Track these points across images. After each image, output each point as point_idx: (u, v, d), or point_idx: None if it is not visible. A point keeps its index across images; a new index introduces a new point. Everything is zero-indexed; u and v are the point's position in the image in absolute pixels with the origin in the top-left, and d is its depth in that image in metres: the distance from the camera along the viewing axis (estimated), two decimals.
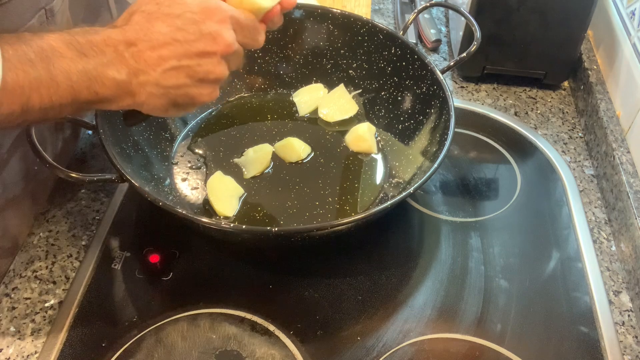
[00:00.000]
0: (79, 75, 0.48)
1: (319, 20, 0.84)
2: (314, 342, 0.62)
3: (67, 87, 0.48)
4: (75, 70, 0.48)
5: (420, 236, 0.74)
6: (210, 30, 0.52)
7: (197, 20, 0.52)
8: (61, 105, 0.49)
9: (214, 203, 0.70)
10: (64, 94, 0.48)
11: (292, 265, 0.70)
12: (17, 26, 0.59)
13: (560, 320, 0.66)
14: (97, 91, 0.50)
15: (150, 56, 0.51)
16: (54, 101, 0.48)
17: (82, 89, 0.49)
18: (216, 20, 0.52)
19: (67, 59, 0.48)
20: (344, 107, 0.83)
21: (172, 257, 0.69)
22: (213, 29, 0.52)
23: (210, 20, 0.52)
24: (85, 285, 0.66)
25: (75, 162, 0.80)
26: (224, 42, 0.53)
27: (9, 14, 0.57)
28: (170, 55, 0.51)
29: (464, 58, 0.77)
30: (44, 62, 0.47)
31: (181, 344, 0.61)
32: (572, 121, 0.91)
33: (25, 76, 0.45)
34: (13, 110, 0.46)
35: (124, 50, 0.50)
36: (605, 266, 0.72)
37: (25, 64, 0.46)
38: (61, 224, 0.73)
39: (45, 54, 0.47)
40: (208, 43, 0.52)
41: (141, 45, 0.51)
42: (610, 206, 0.77)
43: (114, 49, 0.50)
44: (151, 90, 0.52)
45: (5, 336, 0.62)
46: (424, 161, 0.73)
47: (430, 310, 0.66)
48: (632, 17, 0.86)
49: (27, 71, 0.46)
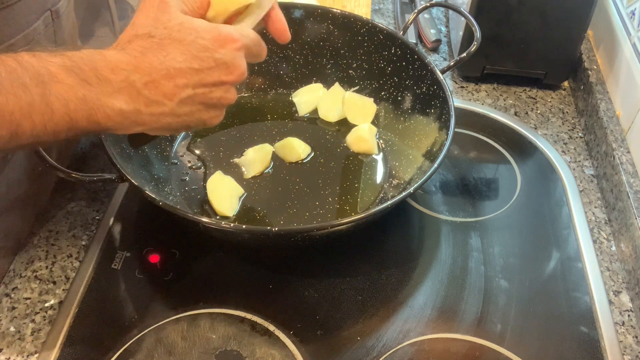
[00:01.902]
0: (78, 103, 0.46)
1: (319, 20, 0.84)
2: (314, 342, 0.62)
3: (63, 115, 0.45)
4: (74, 98, 0.45)
5: (420, 236, 0.74)
6: (224, 60, 0.52)
7: (210, 48, 0.51)
8: (55, 132, 0.46)
9: (214, 203, 0.70)
10: (60, 121, 0.45)
11: (292, 265, 0.70)
12: (22, 27, 0.59)
13: (560, 320, 0.66)
14: (98, 121, 0.47)
15: (166, 86, 0.49)
16: (48, 128, 0.45)
17: (81, 118, 0.46)
18: (229, 48, 0.52)
19: (66, 86, 0.45)
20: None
21: (172, 257, 0.69)
22: (227, 58, 0.52)
23: (223, 48, 0.52)
24: (85, 285, 0.66)
25: (75, 162, 0.80)
26: (238, 72, 0.53)
27: (15, 15, 0.57)
28: (187, 84, 0.50)
29: (464, 58, 0.77)
30: (39, 87, 0.44)
31: (181, 344, 0.61)
32: (572, 121, 0.91)
33: (15, 101, 0.43)
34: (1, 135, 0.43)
35: (136, 80, 0.48)
36: (605, 266, 0.72)
37: (18, 88, 0.43)
38: (61, 224, 0.73)
39: (42, 79, 0.44)
40: (223, 72, 0.52)
41: (156, 75, 0.49)
42: (610, 206, 0.77)
43: (124, 78, 0.48)
44: (165, 119, 0.51)
45: (5, 336, 0.62)
46: (424, 161, 0.73)
47: (430, 310, 0.66)
48: (632, 17, 0.86)
49: (18, 96, 0.43)
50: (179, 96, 0.50)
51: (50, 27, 0.64)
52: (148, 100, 0.49)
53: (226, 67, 0.52)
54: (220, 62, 0.51)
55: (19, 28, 0.59)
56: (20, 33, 0.59)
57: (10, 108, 0.43)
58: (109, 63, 0.47)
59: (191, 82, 0.50)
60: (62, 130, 0.46)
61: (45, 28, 0.63)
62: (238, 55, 0.53)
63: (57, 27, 0.65)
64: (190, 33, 0.50)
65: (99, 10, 0.79)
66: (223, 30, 0.52)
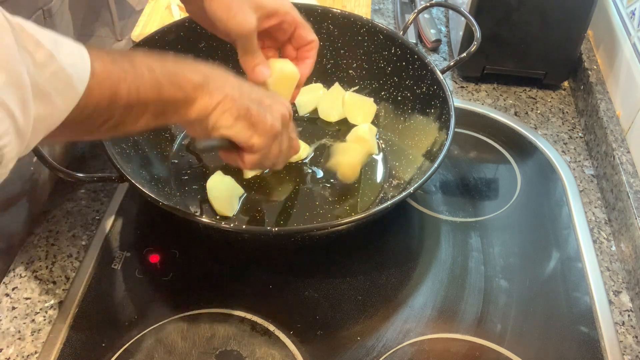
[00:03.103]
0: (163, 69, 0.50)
1: (319, 20, 0.84)
2: (314, 342, 0.62)
3: (152, 80, 0.49)
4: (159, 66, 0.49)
5: (420, 236, 0.74)
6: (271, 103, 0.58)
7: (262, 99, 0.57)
8: (146, 102, 0.49)
9: (214, 203, 0.70)
10: (149, 85, 0.48)
11: (292, 265, 0.70)
12: None
13: (560, 320, 0.66)
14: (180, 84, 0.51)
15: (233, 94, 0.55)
16: (141, 93, 0.48)
17: (167, 83, 0.50)
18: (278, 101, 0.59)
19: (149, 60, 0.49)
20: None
21: (172, 257, 0.69)
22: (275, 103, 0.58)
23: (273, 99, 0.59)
24: (85, 285, 0.66)
25: (75, 162, 0.80)
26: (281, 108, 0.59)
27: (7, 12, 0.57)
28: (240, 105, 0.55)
29: (464, 58, 0.77)
30: (126, 59, 0.47)
31: (181, 344, 0.61)
32: (572, 121, 0.91)
33: (112, 66, 0.46)
34: (102, 99, 0.45)
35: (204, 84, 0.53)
36: (605, 266, 0.72)
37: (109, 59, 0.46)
38: (61, 224, 0.73)
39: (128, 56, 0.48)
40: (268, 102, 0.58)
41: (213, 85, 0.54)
42: (610, 206, 0.77)
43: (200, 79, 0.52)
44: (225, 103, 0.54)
45: (5, 336, 0.62)
46: (424, 161, 0.73)
47: (430, 310, 0.66)
48: (632, 17, 0.86)
49: (114, 60, 0.46)
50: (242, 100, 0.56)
51: (42, 25, 0.64)
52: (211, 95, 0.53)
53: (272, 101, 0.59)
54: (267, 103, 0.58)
55: None
56: None
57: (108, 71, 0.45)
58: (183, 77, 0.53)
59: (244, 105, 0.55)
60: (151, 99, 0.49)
61: None
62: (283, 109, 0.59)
63: (49, 26, 0.65)
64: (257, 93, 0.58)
65: (99, 10, 0.79)
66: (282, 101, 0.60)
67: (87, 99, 0.43)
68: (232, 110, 0.54)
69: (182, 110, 0.52)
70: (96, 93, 0.44)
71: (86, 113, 0.44)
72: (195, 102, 0.52)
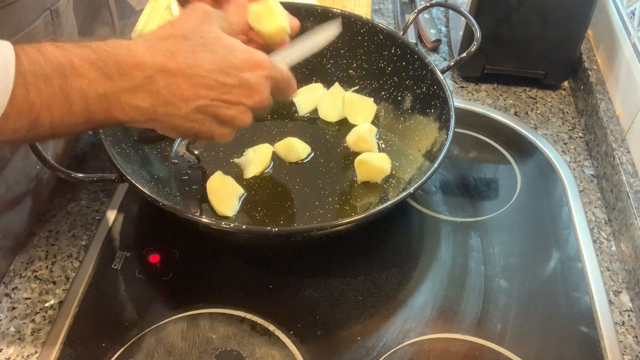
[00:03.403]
0: (98, 98, 0.46)
1: (319, 20, 0.84)
2: (314, 342, 0.62)
3: (82, 109, 0.46)
4: (94, 94, 0.46)
5: (420, 236, 0.74)
6: (249, 82, 0.52)
7: (238, 67, 0.52)
8: (74, 125, 0.47)
9: (214, 203, 0.70)
10: (78, 114, 0.46)
11: (292, 265, 0.70)
12: (22, 26, 0.59)
13: (560, 320, 0.66)
14: (115, 116, 0.48)
15: (187, 91, 0.50)
16: (66, 121, 0.46)
17: (99, 112, 0.47)
18: (258, 73, 0.53)
19: (87, 80, 0.45)
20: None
21: (172, 257, 0.69)
22: (252, 82, 0.53)
23: (252, 71, 0.52)
24: (85, 285, 0.66)
25: (75, 162, 0.80)
26: (258, 98, 0.53)
27: (14, 14, 0.57)
28: (206, 95, 0.51)
29: (464, 58, 0.77)
30: (60, 80, 0.44)
31: (181, 344, 0.61)
32: (572, 121, 0.91)
33: (36, 93, 0.43)
34: (20, 125, 0.44)
35: (158, 79, 0.49)
36: (605, 266, 0.72)
37: (39, 80, 0.43)
38: (61, 224, 0.73)
39: (64, 72, 0.45)
40: (244, 93, 0.52)
41: (180, 78, 0.49)
42: (610, 206, 0.77)
43: (146, 75, 0.48)
44: (176, 121, 0.51)
45: (5, 336, 0.62)
46: (424, 161, 0.73)
47: (430, 310, 0.66)
48: (632, 17, 0.86)
49: (40, 88, 0.43)
50: (196, 103, 0.51)
51: (50, 25, 0.64)
52: (165, 100, 0.49)
53: (249, 89, 0.52)
54: (245, 83, 0.52)
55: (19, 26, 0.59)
56: (21, 32, 0.59)
57: (31, 99, 0.43)
58: (135, 58, 0.48)
59: (211, 94, 0.51)
60: (79, 122, 0.47)
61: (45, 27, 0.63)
62: (264, 83, 0.53)
63: (56, 26, 0.66)
64: (224, 48, 0.51)
65: (99, 10, 0.79)
66: (256, 54, 0.53)
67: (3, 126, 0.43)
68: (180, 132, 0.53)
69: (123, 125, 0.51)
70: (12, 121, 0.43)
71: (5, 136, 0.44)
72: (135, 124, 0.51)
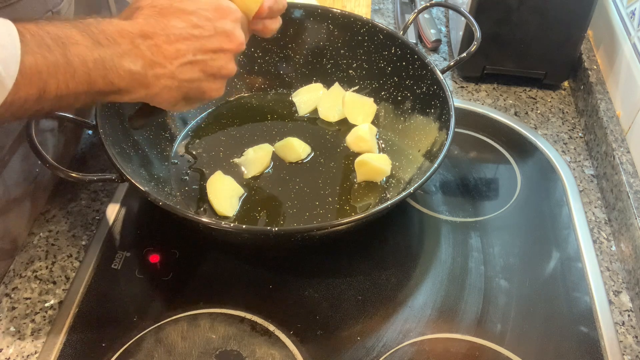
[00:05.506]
0: (95, 63, 0.48)
1: (319, 20, 0.84)
2: (314, 342, 0.62)
3: (84, 74, 0.48)
4: (92, 58, 0.48)
5: (420, 236, 0.74)
6: (224, 29, 0.55)
7: (211, 18, 0.54)
8: (76, 94, 0.48)
9: (214, 203, 0.70)
10: (80, 80, 0.48)
11: (292, 265, 0.70)
12: None
13: (560, 320, 0.66)
14: (112, 81, 0.50)
15: (167, 49, 0.52)
16: (70, 88, 0.47)
17: (98, 77, 0.49)
18: (230, 19, 0.55)
19: (83, 46, 0.48)
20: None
21: (172, 257, 0.69)
22: (227, 28, 0.55)
23: (224, 19, 0.55)
24: (85, 285, 0.66)
25: (75, 162, 0.80)
26: (237, 41, 0.56)
27: (16, 15, 0.57)
28: (187, 50, 0.53)
29: (464, 58, 0.77)
30: (60, 48, 0.46)
31: (181, 344, 0.61)
32: (572, 121, 0.91)
33: (43, 61, 0.45)
34: (30, 95, 0.45)
35: (140, 43, 0.51)
36: (605, 266, 0.72)
37: (43, 49, 0.45)
38: (61, 224, 0.73)
39: (62, 41, 0.47)
40: (223, 40, 0.55)
41: (158, 39, 0.51)
42: (610, 206, 0.77)
43: (130, 40, 0.50)
44: (166, 82, 0.53)
45: (5, 336, 0.62)
46: (424, 161, 0.73)
47: (430, 310, 0.66)
48: (632, 17, 0.86)
49: (45, 56, 0.45)
50: (180, 60, 0.53)
51: None
52: (151, 61, 0.51)
53: (226, 35, 0.55)
54: (220, 31, 0.54)
55: None
56: None
57: (39, 67, 0.45)
58: (116, 27, 0.50)
59: (191, 48, 0.53)
60: (82, 91, 0.48)
61: None
62: (237, 26, 0.56)
63: None
64: (192, 4, 0.53)
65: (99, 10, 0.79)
66: (223, 2, 0.55)
67: (15, 96, 0.44)
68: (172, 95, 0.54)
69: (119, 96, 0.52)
70: (24, 90, 0.44)
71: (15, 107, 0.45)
72: (130, 92, 0.52)
